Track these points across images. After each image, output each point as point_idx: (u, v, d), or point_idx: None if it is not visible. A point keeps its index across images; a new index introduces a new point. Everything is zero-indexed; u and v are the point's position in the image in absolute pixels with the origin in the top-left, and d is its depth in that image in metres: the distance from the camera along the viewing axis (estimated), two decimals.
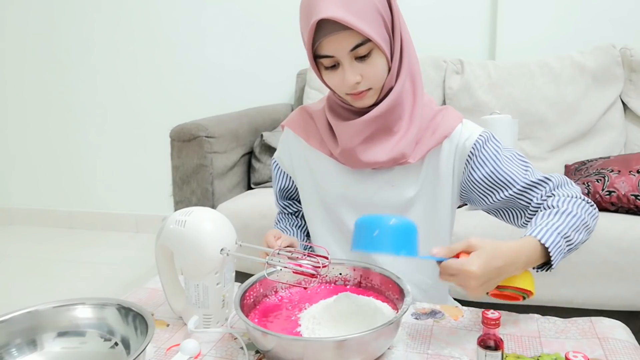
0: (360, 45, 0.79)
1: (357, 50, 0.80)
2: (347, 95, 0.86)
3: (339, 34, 0.78)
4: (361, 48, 0.80)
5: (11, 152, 3.06)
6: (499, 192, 0.88)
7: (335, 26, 0.78)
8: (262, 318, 0.79)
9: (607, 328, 0.77)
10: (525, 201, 0.88)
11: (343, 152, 0.90)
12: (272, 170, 1.09)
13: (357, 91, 0.84)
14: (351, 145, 0.88)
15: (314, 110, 1.00)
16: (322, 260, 0.77)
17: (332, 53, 0.81)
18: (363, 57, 0.81)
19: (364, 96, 0.85)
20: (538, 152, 1.92)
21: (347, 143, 0.89)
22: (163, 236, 0.80)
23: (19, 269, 2.41)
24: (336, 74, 0.83)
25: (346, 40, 0.79)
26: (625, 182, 1.44)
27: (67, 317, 0.74)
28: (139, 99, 2.78)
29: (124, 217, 2.91)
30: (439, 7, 2.24)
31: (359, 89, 0.84)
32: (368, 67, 0.82)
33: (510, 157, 0.90)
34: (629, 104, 1.90)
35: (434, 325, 0.81)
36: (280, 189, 1.08)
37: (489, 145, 0.89)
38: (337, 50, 0.80)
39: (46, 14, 2.81)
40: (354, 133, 0.88)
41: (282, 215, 1.13)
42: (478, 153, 0.89)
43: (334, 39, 0.79)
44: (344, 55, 0.81)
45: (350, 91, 0.84)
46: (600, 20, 2.04)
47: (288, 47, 2.47)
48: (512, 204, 0.90)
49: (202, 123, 1.74)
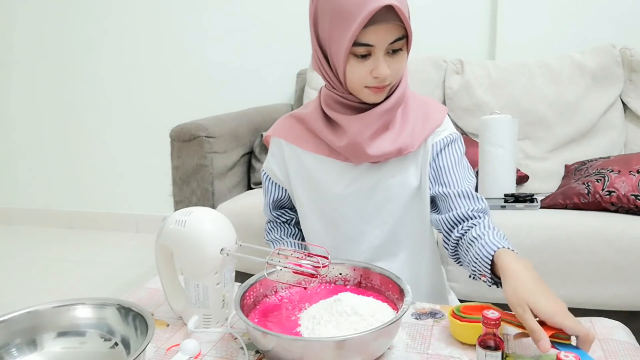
0: (399, 39, 0.82)
1: (394, 44, 0.82)
2: (365, 88, 0.86)
3: (387, 24, 0.80)
4: (398, 42, 0.83)
5: (11, 152, 3.06)
6: (438, 186, 0.95)
7: (385, 16, 0.79)
8: (262, 318, 0.79)
9: (607, 329, 0.77)
10: (452, 205, 0.92)
11: (350, 145, 0.90)
12: (262, 182, 1.08)
13: (382, 85, 0.85)
14: (360, 139, 0.89)
15: (304, 114, 1.00)
16: (322, 260, 0.77)
17: (374, 42, 0.82)
18: (394, 52, 0.84)
19: (384, 91, 0.87)
20: (538, 152, 1.92)
21: (357, 136, 0.89)
22: (163, 236, 0.80)
23: (19, 269, 2.41)
24: (365, 65, 0.84)
25: (390, 32, 0.81)
26: (625, 182, 1.44)
27: (67, 317, 0.74)
28: (138, 99, 2.78)
29: (124, 217, 2.91)
30: (439, 7, 2.24)
31: (383, 84, 0.85)
32: (396, 63, 0.85)
33: (464, 164, 0.97)
34: (629, 104, 1.90)
35: (434, 325, 0.81)
36: (273, 200, 1.07)
37: (454, 145, 0.96)
38: (379, 40, 0.81)
39: (47, 14, 2.81)
40: (366, 125, 0.89)
41: (273, 225, 1.13)
42: (443, 146, 0.95)
43: (381, 29, 0.80)
44: (383, 47, 0.82)
45: (375, 84, 0.85)
46: (600, 20, 2.04)
47: (288, 47, 2.47)
48: (439, 201, 0.95)
49: (202, 123, 1.73)
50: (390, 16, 0.79)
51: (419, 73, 2.07)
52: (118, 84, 2.79)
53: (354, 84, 0.87)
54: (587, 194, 1.48)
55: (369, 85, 0.85)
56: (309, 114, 0.98)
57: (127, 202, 2.92)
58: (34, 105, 2.95)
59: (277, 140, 1.03)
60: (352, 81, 0.87)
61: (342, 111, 0.92)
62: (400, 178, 0.95)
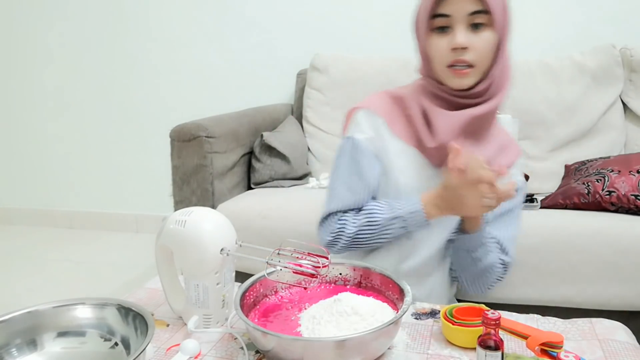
0: (479, 12, 0.81)
1: (474, 17, 0.82)
2: (447, 69, 0.84)
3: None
4: (479, 16, 0.82)
5: (11, 152, 3.06)
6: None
7: None
8: (262, 318, 0.79)
9: (607, 329, 0.77)
10: None
11: (439, 149, 0.87)
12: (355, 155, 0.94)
13: (461, 59, 0.83)
14: (449, 138, 0.86)
15: (402, 95, 0.94)
16: (322, 260, 0.77)
17: (451, 12, 0.82)
18: (477, 26, 0.82)
19: (466, 74, 0.84)
20: (538, 152, 1.92)
21: (445, 137, 0.86)
22: (163, 236, 0.80)
23: (19, 269, 2.41)
24: (444, 38, 0.84)
25: (469, 2, 0.81)
26: (625, 182, 1.44)
27: (67, 317, 0.74)
28: (139, 98, 2.78)
29: (124, 217, 2.91)
30: None
31: (463, 57, 0.83)
32: (478, 39, 0.83)
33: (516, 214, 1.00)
34: (629, 104, 1.90)
35: (434, 325, 0.81)
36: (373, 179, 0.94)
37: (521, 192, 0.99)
38: (457, 10, 0.81)
39: (48, 13, 2.81)
40: (454, 125, 0.86)
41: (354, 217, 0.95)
42: None
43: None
44: (461, 18, 0.82)
45: (455, 58, 0.83)
46: (600, 20, 2.04)
47: (288, 47, 2.47)
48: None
49: (202, 123, 1.73)
50: None
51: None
52: (118, 84, 2.79)
53: (437, 63, 0.86)
54: (587, 194, 1.48)
55: (450, 63, 0.84)
56: (407, 96, 0.94)
57: (127, 202, 2.91)
58: (34, 105, 2.95)
59: (370, 113, 0.94)
60: (435, 60, 0.86)
61: (436, 102, 0.89)
62: None
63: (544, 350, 0.68)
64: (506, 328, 0.72)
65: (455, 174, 0.80)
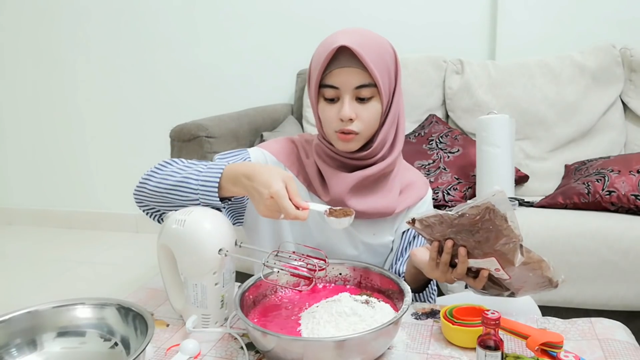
0: (365, 86, 0.84)
1: (360, 90, 0.84)
2: (335, 133, 0.87)
3: (350, 68, 0.83)
4: (365, 89, 0.84)
5: (11, 152, 3.06)
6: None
7: (349, 61, 0.82)
8: (262, 318, 0.79)
9: (607, 329, 0.77)
10: None
11: (332, 202, 0.90)
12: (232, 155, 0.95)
13: (347, 129, 0.86)
14: (342, 196, 0.89)
15: (305, 142, 0.98)
16: (320, 263, 0.77)
17: (338, 85, 0.84)
18: (363, 100, 0.85)
19: (351, 139, 0.87)
20: (538, 152, 1.92)
21: (339, 193, 0.89)
22: (163, 235, 0.80)
23: (19, 269, 2.41)
24: (333, 107, 0.87)
25: (355, 77, 0.83)
26: (625, 182, 1.44)
27: (67, 317, 0.74)
28: (139, 99, 2.77)
29: (124, 217, 2.91)
30: (439, 7, 2.24)
31: (349, 128, 0.85)
32: (365, 111, 0.86)
33: None
34: (629, 104, 1.90)
35: (434, 325, 0.81)
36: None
37: None
38: (343, 83, 0.84)
39: (48, 14, 2.81)
40: (347, 184, 0.89)
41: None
42: None
43: (344, 72, 0.83)
44: (347, 90, 0.84)
45: (341, 127, 0.86)
46: (600, 20, 2.04)
47: (288, 47, 2.47)
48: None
49: (202, 123, 1.74)
50: (352, 62, 0.82)
51: (419, 73, 2.07)
52: (119, 84, 2.79)
53: (326, 127, 0.89)
54: (587, 194, 1.48)
55: (337, 129, 0.86)
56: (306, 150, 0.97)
57: (127, 202, 2.90)
58: (34, 105, 2.95)
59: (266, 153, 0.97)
60: (325, 124, 0.89)
61: (329, 163, 0.92)
62: (380, 238, 0.97)
63: (543, 350, 0.68)
64: (506, 328, 0.72)
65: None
